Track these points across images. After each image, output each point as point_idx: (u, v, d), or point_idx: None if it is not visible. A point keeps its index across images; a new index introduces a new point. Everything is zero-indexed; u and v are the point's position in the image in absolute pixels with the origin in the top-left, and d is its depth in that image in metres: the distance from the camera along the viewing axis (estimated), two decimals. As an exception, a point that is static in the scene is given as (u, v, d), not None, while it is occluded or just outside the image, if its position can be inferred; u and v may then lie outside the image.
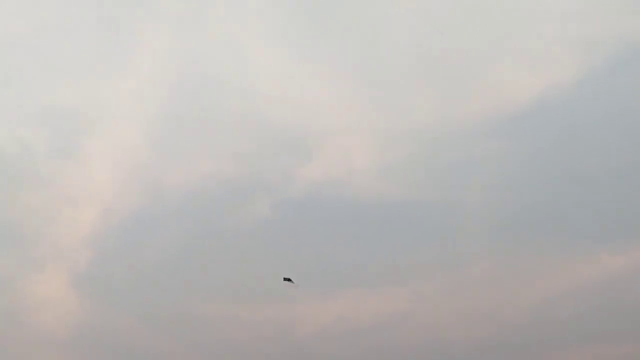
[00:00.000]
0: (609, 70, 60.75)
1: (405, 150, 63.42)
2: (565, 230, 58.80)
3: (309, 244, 60.01)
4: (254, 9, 65.50)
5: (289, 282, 49.12)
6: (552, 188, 60.16)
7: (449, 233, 59.72)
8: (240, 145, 64.72)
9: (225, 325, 58.70)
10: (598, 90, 60.67)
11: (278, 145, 64.80)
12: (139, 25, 64.68)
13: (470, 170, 61.87)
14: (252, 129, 65.11)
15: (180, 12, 65.33)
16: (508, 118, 61.93)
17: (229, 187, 63.37)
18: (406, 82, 64.85)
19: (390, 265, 59.19)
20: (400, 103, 64.82)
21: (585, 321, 55.25)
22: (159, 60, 65.47)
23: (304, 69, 65.46)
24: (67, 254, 61.07)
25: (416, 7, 64.41)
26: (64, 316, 58.94)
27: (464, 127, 62.66)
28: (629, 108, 60.28)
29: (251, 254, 60.16)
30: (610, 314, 54.91)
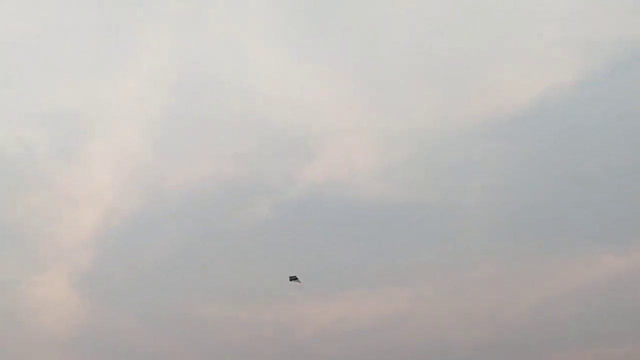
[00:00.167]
0: (610, 72, 60.71)
1: (406, 151, 63.49)
2: (565, 231, 58.85)
3: (309, 245, 60.08)
4: (254, 9, 65.46)
5: (295, 282, 48.98)
6: (553, 189, 60.21)
7: (449, 234, 59.83)
8: (241, 146, 64.83)
9: (225, 326, 58.84)
10: (598, 91, 60.62)
11: (278, 146, 64.87)
12: (139, 26, 64.69)
13: (470, 171, 61.95)
14: (253, 129, 65.20)
15: (180, 12, 65.31)
16: (508, 119, 61.99)
17: (229, 188, 63.45)
18: (406, 83, 64.91)
19: (390, 266, 59.28)
20: (400, 103, 64.89)
21: (586, 322, 55.35)
22: (159, 61, 65.52)
23: (304, 69, 65.51)
24: (68, 255, 61.22)
25: (416, 7, 64.36)
26: (65, 317, 59.10)
27: (464, 128, 62.76)
28: (629, 109, 60.17)
29: (251, 254, 60.28)
30: (610, 315, 54.98)
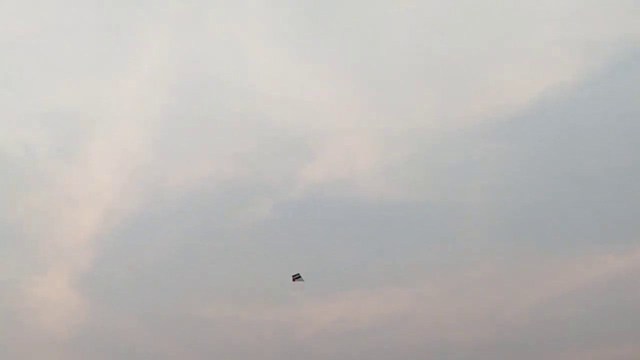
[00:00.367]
0: (610, 72, 60.85)
1: (406, 151, 63.57)
2: (565, 231, 58.96)
3: (309, 245, 60.16)
4: (254, 9, 65.53)
5: (298, 280, 48.92)
6: (552, 189, 60.31)
7: (449, 234, 59.94)
8: (241, 146, 64.92)
9: (225, 326, 58.89)
10: (598, 91, 60.76)
11: (278, 146, 64.95)
12: (139, 26, 64.72)
13: (470, 171, 62.07)
14: (253, 129, 65.28)
15: (180, 13, 65.38)
16: (508, 119, 62.12)
17: (229, 188, 63.52)
18: (406, 83, 64.99)
19: (390, 266, 59.39)
20: (401, 103, 64.96)
21: (586, 322, 55.43)
22: (159, 61, 65.55)
23: (304, 69, 65.58)
24: (68, 255, 61.30)
25: (416, 7, 64.43)
26: (65, 317, 59.18)
27: (464, 128, 62.89)
28: (629, 109, 60.27)
29: (251, 254, 60.35)
30: (610, 315, 55.05)
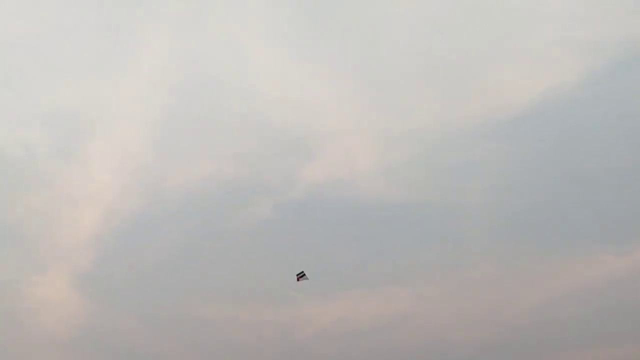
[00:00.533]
0: (610, 72, 60.82)
1: (406, 151, 63.54)
2: (565, 231, 58.96)
3: (309, 245, 60.11)
4: (254, 9, 65.49)
5: (303, 279, 48.87)
6: (553, 189, 60.32)
7: (449, 234, 59.93)
8: (241, 146, 64.88)
9: (226, 326, 58.87)
10: (598, 91, 60.73)
11: (278, 146, 64.91)
12: (139, 26, 64.68)
13: (470, 172, 62.03)
14: (253, 129, 65.25)
15: (180, 13, 65.32)
16: (508, 119, 62.11)
17: (229, 188, 63.47)
18: (406, 83, 64.97)
19: (391, 266, 59.37)
20: (401, 103, 64.94)
21: (586, 322, 55.42)
22: (159, 61, 65.50)
23: (304, 69, 65.54)
24: (68, 255, 61.25)
25: (416, 7, 64.38)
26: (65, 317, 59.15)
27: (465, 128, 62.85)
28: (629, 109, 60.28)
29: (252, 255, 60.33)
30: (610, 315, 55.02)
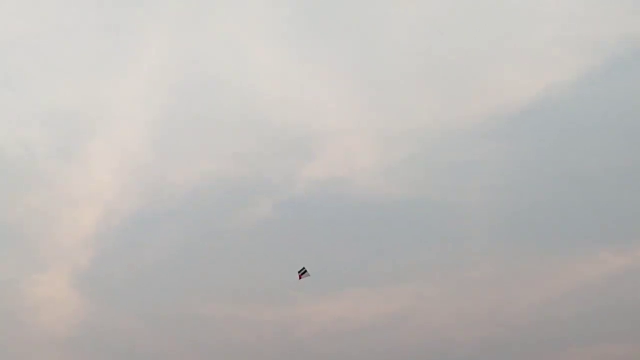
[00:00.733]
0: (609, 72, 60.76)
1: (406, 151, 63.55)
2: (565, 231, 58.96)
3: (309, 244, 60.13)
4: (254, 9, 65.50)
5: (305, 276, 48.84)
6: (552, 188, 60.33)
7: (449, 233, 59.95)
8: (241, 146, 64.90)
9: (226, 326, 58.88)
10: (598, 91, 60.70)
11: (278, 146, 64.93)
12: (140, 26, 64.72)
13: (470, 171, 62.03)
14: (253, 129, 65.27)
15: (180, 13, 65.36)
16: (508, 119, 62.12)
17: (229, 188, 63.51)
18: (406, 83, 64.97)
19: (391, 266, 59.38)
20: (401, 103, 64.96)
21: (586, 322, 55.38)
22: (159, 61, 65.54)
23: (304, 69, 65.54)
24: (68, 255, 61.32)
25: (416, 7, 64.38)
26: (65, 316, 59.19)
27: (465, 128, 62.86)
28: (629, 109, 60.29)
29: (252, 254, 60.37)
30: (610, 314, 55.01)
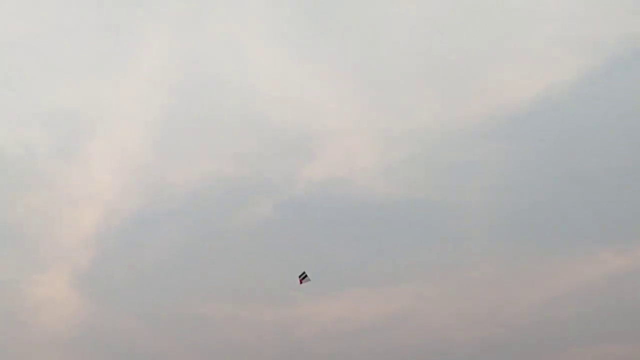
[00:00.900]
0: (609, 72, 60.65)
1: (406, 151, 63.52)
2: (565, 231, 58.93)
3: (309, 244, 60.18)
4: (254, 9, 65.41)
5: (306, 280, 48.89)
6: (553, 189, 60.29)
7: (449, 233, 59.93)
8: (241, 146, 64.87)
9: (226, 326, 58.90)
10: (598, 91, 60.61)
11: (278, 146, 64.91)
12: (139, 26, 64.63)
13: (470, 171, 61.98)
14: (253, 129, 65.23)
15: (180, 13, 65.26)
16: (508, 119, 62.04)
17: (229, 188, 63.49)
18: (406, 83, 64.89)
19: (390, 266, 59.38)
20: (401, 103, 64.90)
21: (586, 321, 55.38)
22: (159, 61, 65.45)
23: (304, 69, 65.47)
24: (68, 255, 61.32)
25: (416, 7, 64.29)
26: (65, 316, 59.20)
27: (465, 128, 62.80)
28: (629, 109, 60.25)
29: (252, 254, 60.39)
30: (611, 314, 55.01)
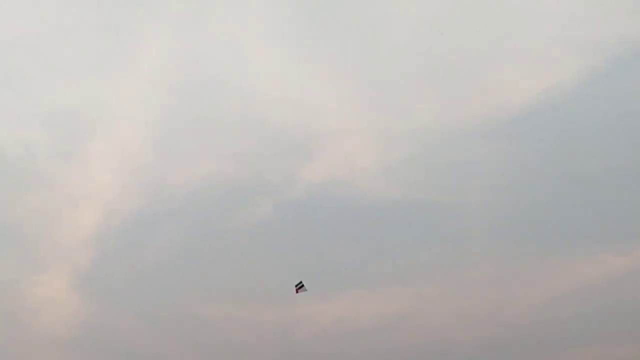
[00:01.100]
0: (610, 72, 60.65)
1: (406, 151, 63.51)
2: (565, 231, 58.96)
3: (309, 245, 60.18)
4: (254, 9, 65.33)
5: (302, 290, 48.93)
6: (553, 189, 60.31)
7: (449, 234, 59.93)
8: (241, 146, 64.84)
9: (226, 326, 58.93)
10: (598, 91, 60.58)
11: (278, 146, 64.89)
12: (139, 26, 64.57)
13: (470, 171, 61.97)
14: (253, 129, 65.21)
15: (180, 13, 65.18)
16: (508, 119, 62.04)
17: (229, 188, 63.46)
18: (406, 83, 64.87)
19: (390, 266, 59.39)
20: (401, 103, 64.88)
21: (586, 322, 55.43)
22: (159, 61, 65.39)
23: (304, 69, 65.41)
24: (68, 255, 61.30)
25: (416, 7, 64.24)
26: (65, 317, 59.21)
27: (465, 128, 62.78)
28: (629, 109, 60.23)
29: (252, 254, 60.36)
30: (610, 315, 55.05)
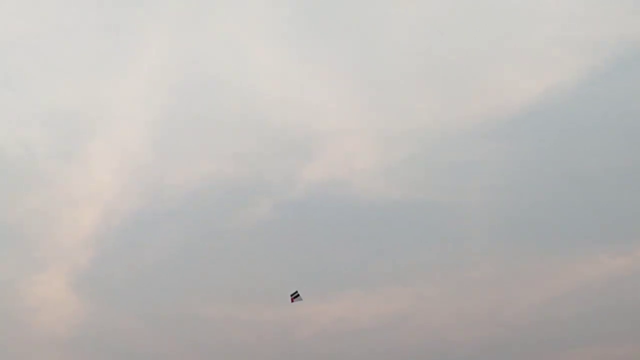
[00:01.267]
0: (609, 72, 60.68)
1: (406, 151, 63.52)
2: (565, 231, 58.99)
3: (309, 245, 60.24)
4: (254, 9, 65.38)
5: (297, 300, 49.04)
6: (553, 189, 60.36)
7: (449, 234, 59.97)
8: (241, 146, 64.88)
9: (225, 326, 58.93)
10: (598, 91, 60.62)
11: (278, 146, 64.92)
12: (140, 26, 64.61)
13: (470, 171, 62.01)
14: (253, 129, 65.24)
15: (180, 13, 65.25)
16: (508, 119, 62.09)
17: (229, 188, 63.49)
18: (406, 83, 64.90)
19: (391, 266, 59.42)
20: (401, 103, 64.90)
21: (586, 322, 55.46)
22: (159, 61, 65.44)
23: (304, 69, 65.45)
24: (68, 255, 61.32)
25: (416, 7, 64.28)
26: (65, 316, 59.23)
27: (465, 128, 62.82)
28: (629, 109, 60.24)
29: (252, 254, 60.40)
30: (610, 315, 55.08)
